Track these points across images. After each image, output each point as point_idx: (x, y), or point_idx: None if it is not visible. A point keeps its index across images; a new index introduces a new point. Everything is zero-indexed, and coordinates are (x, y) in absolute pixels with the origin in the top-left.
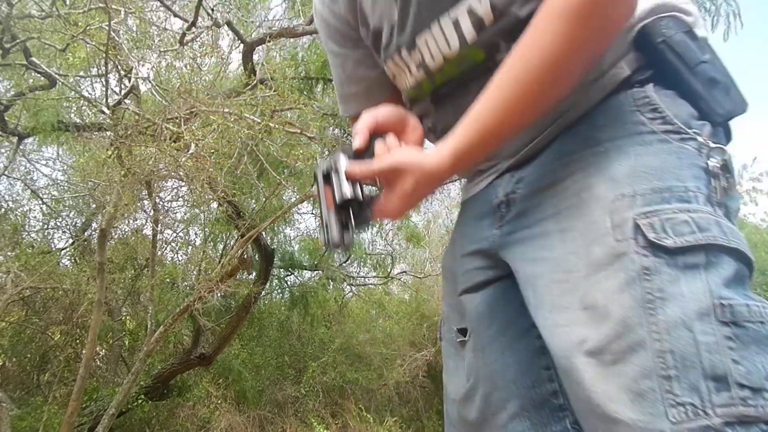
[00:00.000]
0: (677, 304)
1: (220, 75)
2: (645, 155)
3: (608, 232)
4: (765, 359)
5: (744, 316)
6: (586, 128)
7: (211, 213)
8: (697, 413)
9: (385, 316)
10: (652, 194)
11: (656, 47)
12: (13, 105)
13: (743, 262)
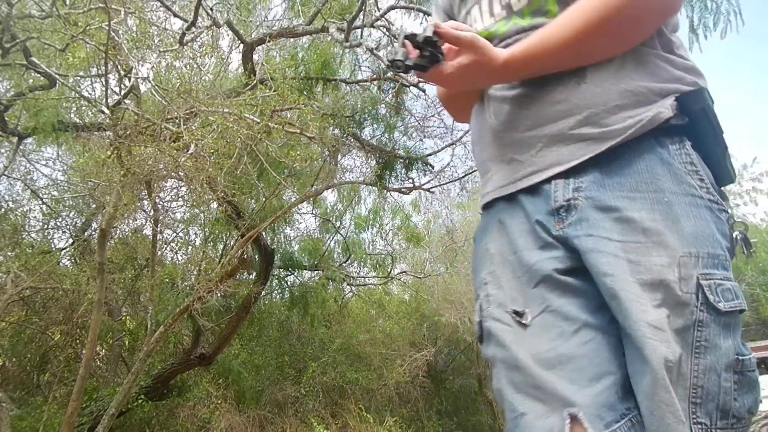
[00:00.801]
0: (715, 354)
1: (220, 75)
2: (700, 219)
3: (675, 280)
4: (749, 398)
5: (746, 368)
6: (649, 169)
7: (211, 213)
8: (706, 429)
9: (385, 316)
10: (708, 258)
11: (696, 111)
12: (13, 105)
13: (742, 309)
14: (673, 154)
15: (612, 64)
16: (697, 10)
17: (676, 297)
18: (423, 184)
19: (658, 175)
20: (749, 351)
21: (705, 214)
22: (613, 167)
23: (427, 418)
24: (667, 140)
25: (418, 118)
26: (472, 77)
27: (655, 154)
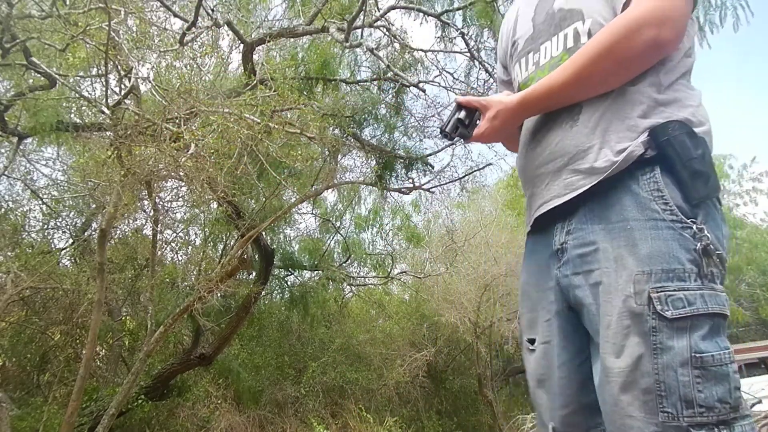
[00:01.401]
0: (669, 354)
1: (220, 75)
2: (659, 240)
3: (631, 296)
4: (717, 389)
5: (709, 363)
6: (619, 203)
7: (211, 213)
8: (673, 418)
9: (385, 316)
10: (662, 273)
11: (663, 142)
12: (13, 105)
13: (718, 316)
14: (642, 184)
15: (600, 106)
16: (701, 7)
17: (633, 309)
18: (423, 184)
19: (625, 206)
20: (719, 344)
21: (665, 234)
22: (594, 203)
23: (427, 418)
24: (638, 172)
25: (418, 118)
26: (505, 122)
27: (626, 187)
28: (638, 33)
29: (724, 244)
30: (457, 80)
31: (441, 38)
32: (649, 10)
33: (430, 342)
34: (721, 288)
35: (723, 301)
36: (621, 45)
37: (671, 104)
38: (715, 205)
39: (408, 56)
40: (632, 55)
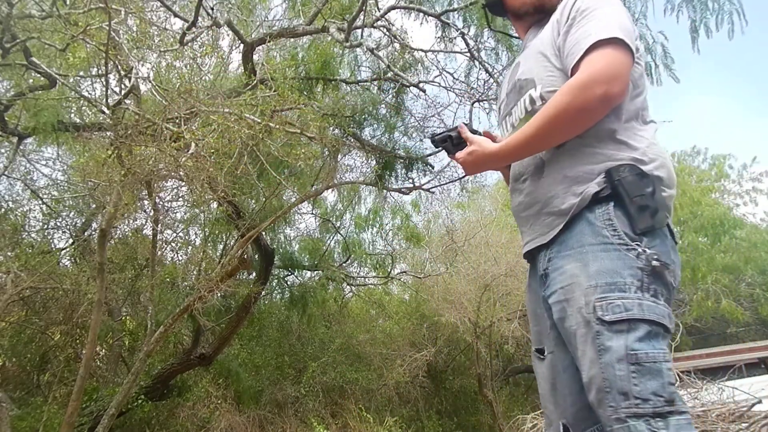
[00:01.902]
0: (610, 353)
1: (220, 75)
2: (606, 259)
3: (583, 306)
4: (652, 383)
5: (643, 359)
6: (579, 232)
7: (211, 213)
8: (615, 410)
9: (385, 316)
10: (606, 286)
11: (615, 183)
12: (13, 105)
13: (656, 324)
14: (597, 215)
15: (561, 158)
16: (698, 10)
17: (585, 318)
18: (423, 184)
19: (584, 235)
20: (654, 345)
21: (612, 255)
22: (565, 235)
23: (427, 418)
24: (596, 207)
25: (418, 118)
26: (477, 161)
27: (586, 219)
28: (590, 91)
29: (673, 269)
30: (457, 80)
31: (441, 38)
32: (598, 70)
33: (430, 342)
34: (665, 304)
35: (662, 313)
36: (575, 102)
37: (622, 148)
38: (666, 236)
39: (408, 56)
40: (585, 110)
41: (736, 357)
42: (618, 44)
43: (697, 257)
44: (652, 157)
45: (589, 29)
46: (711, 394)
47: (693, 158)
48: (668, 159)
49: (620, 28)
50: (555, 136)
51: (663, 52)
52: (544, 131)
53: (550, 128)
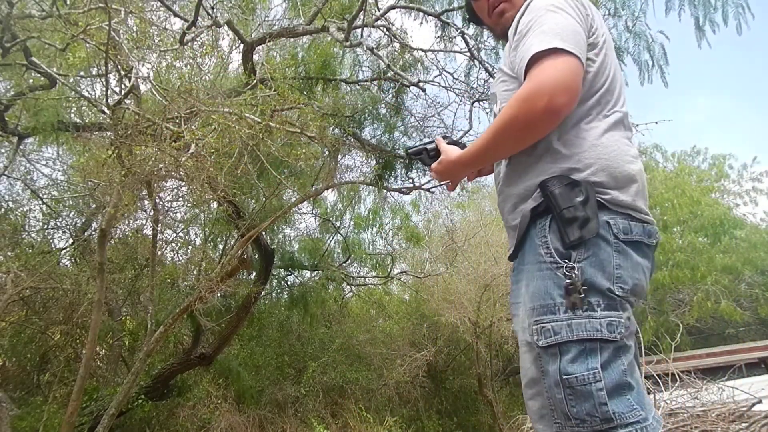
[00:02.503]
0: (548, 376)
1: (220, 75)
2: (540, 279)
3: (526, 328)
4: (586, 405)
5: (574, 383)
6: (527, 249)
7: (211, 213)
8: (561, 427)
9: (385, 316)
10: (540, 308)
11: (546, 196)
12: (13, 105)
13: (589, 341)
14: (537, 230)
15: (510, 174)
16: (701, 7)
17: (527, 339)
18: (423, 184)
19: (527, 252)
20: (585, 369)
21: (545, 274)
22: (521, 251)
23: (427, 418)
24: (537, 219)
25: (418, 117)
26: (444, 168)
27: (530, 235)
28: (532, 103)
29: (615, 273)
30: (457, 80)
31: (441, 38)
32: (542, 81)
33: (430, 342)
34: (601, 314)
35: (595, 326)
36: (520, 115)
37: (557, 158)
38: (603, 242)
39: (408, 56)
40: (530, 122)
41: (736, 357)
42: (558, 53)
43: (696, 257)
44: (588, 162)
45: (531, 42)
46: (711, 394)
47: (693, 158)
48: (618, 156)
49: (560, 36)
50: (505, 147)
51: (662, 53)
52: (494, 142)
53: (499, 139)
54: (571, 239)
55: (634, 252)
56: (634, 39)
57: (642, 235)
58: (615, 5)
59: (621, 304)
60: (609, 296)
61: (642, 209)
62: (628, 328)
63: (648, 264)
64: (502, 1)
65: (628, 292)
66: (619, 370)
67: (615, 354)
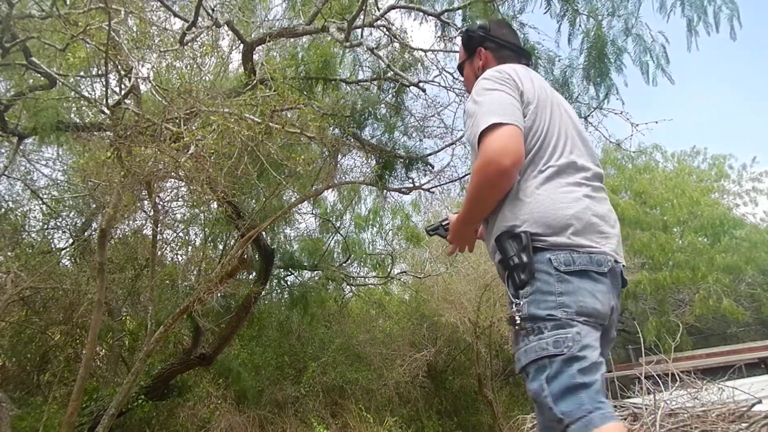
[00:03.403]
0: (530, 391)
1: (220, 75)
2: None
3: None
4: (547, 413)
5: (536, 398)
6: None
7: (211, 213)
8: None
9: (385, 316)
10: (513, 341)
11: (498, 249)
12: (13, 105)
13: (540, 359)
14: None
15: (487, 233)
16: (695, 9)
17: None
18: (423, 184)
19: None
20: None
21: (510, 311)
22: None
23: (427, 418)
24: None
25: (418, 118)
26: (453, 229)
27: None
28: (486, 171)
29: (558, 300)
30: (457, 80)
31: (441, 38)
32: (488, 153)
33: (430, 342)
34: (549, 334)
35: (543, 346)
36: (480, 182)
37: (505, 215)
38: (547, 275)
39: (408, 56)
40: (490, 185)
41: (736, 357)
42: (497, 127)
43: (697, 257)
44: (524, 218)
45: (477, 123)
46: (711, 394)
47: (693, 158)
48: (551, 206)
49: (496, 112)
50: (480, 207)
51: (663, 53)
52: (471, 205)
53: (474, 203)
54: (519, 282)
55: (579, 279)
56: (633, 40)
57: (588, 264)
58: (613, 5)
59: (568, 323)
60: (554, 320)
61: (583, 245)
62: (579, 341)
63: (601, 287)
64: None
65: (573, 313)
66: (568, 375)
67: (563, 364)
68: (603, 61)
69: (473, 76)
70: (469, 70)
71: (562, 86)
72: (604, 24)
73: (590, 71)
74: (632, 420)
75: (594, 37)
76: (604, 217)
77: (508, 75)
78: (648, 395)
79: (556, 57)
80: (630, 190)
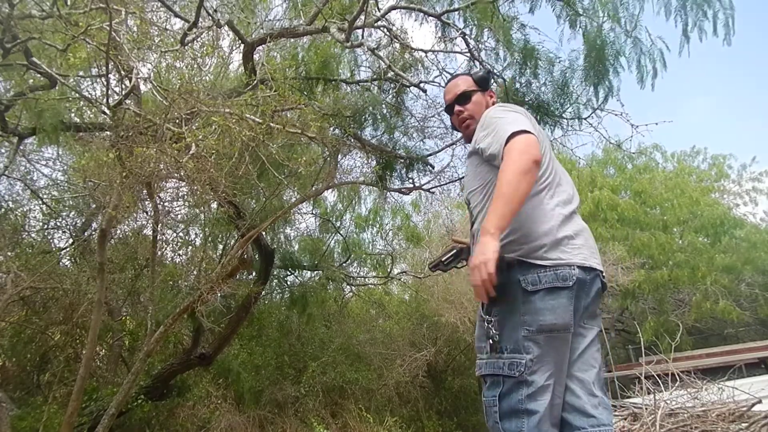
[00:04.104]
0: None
1: (221, 75)
2: (480, 329)
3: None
4: (491, 421)
5: (486, 405)
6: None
7: (212, 213)
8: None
9: (385, 316)
10: (477, 349)
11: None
12: (13, 105)
13: (495, 376)
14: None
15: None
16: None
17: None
18: (423, 184)
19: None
20: (491, 396)
21: (481, 324)
22: None
23: (427, 418)
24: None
25: (418, 118)
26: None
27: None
28: (526, 155)
29: (521, 319)
30: (479, 69)
31: (441, 38)
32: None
33: (430, 342)
34: (507, 356)
35: (500, 365)
36: (521, 164)
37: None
38: (514, 297)
39: (408, 56)
40: (528, 169)
41: (736, 357)
42: (524, 132)
43: (696, 257)
44: (508, 249)
45: (504, 129)
46: (711, 394)
47: (693, 158)
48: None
49: (522, 124)
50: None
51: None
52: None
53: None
54: (490, 307)
55: (544, 297)
56: (633, 43)
57: (555, 280)
58: (614, 7)
59: (525, 348)
60: (515, 341)
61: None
62: (530, 366)
63: (563, 301)
64: (467, 119)
65: (534, 332)
66: (516, 399)
67: (513, 387)
68: (603, 63)
69: (486, 104)
70: (481, 98)
71: (562, 87)
72: (605, 27)
73: (590, 72)
74: (632, 420)
75: (594, 39)
76: (577, 232)
77: (522, 111)
78: (648, 395)
79: (556, 58)
80: (630, 190)
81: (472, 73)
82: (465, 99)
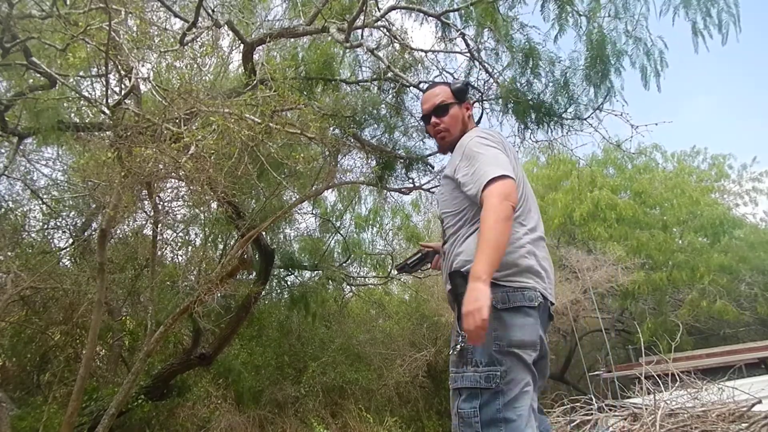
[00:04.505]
0: (452, 410)
1: (221, 75)
2: (453, 342)
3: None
4: (469, 430)
5: (464, 416)
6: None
7: (211, 213)
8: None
9: (385, 316)
10: (451, 362)
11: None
12: (13, 105)
13: (472, 389)
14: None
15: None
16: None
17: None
18: (423, 184)
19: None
20: (470, 407)
21: (455, 338)
22: None
23: (427, 418)
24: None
25: (418, 118)
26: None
27: None
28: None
29: (493, 335)
30: (457, 81)
31: (441, 38)
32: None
33: (430, 342)
34: (482, 369)
35: (476, 378)
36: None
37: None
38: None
39: (408, 56)
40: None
41: (736, 357)
42: (503, 177)
43: (696, 257)
44: (470, 258)
45: (483, 170)
46: (711, 394)
47: (693, 158)
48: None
49: (501, 166)
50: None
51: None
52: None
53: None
54: (458, 317)
55: (514, 315)
56: (634, 43)
57: (522, 300)
58: (615, 7)
59: (499, 361)
60: (489, 355)
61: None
62: (505, 377)
63: (531, 320)
64: (443, 131)
65: (505, 346)
66: (494, 409)
67: (491, 398)
68: (604, 62)
69: (462, 118)
70: (458, 111)
71: (563, 87)
72: (606, 26)
73: (590, 72)
74: (632, 420)
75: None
76: (542, 260)
77: (500, 140)
78: (648, 395)
79: (557, 58)
80: (630, 190)
81: (451, 84)
82: (442, 111)
